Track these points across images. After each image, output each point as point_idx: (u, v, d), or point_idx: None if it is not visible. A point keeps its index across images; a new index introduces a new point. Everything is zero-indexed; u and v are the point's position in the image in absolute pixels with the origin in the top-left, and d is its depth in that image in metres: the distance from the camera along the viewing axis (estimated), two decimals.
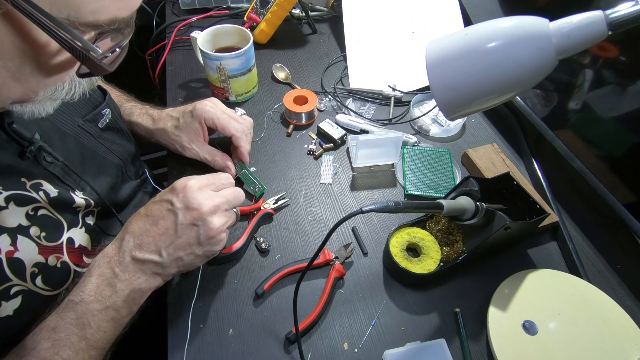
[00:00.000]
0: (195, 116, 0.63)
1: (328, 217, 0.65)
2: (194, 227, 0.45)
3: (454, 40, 0.41)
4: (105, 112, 0.58)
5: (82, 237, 0.51)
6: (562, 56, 0.37)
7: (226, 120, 0.63)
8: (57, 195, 0.47)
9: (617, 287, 0.58)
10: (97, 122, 0.57)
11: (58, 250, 0.47)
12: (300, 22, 1.04)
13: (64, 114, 0.52)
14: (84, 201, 0.51)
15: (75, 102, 0.53)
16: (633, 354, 0.49)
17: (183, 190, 0.45)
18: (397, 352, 0.50)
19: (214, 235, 0.46)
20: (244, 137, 0.65)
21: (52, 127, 0.50)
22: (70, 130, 0.53)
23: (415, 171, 0.70)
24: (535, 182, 0.70)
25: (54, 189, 0.47)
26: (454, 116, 0.44)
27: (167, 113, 0.67)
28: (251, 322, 0.53)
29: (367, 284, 0.58)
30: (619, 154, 0.60)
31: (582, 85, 0.65)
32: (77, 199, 0.50)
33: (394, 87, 0.84)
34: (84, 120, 0.55)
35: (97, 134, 0.57)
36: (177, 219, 0.45)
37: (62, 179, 0.49)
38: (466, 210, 0.52)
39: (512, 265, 0.59)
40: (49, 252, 0.45)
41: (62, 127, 0.52)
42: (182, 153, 0.66)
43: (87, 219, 0.53)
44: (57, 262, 0.46)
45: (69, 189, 0.50)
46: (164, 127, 0.65)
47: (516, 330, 0.51)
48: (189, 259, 0.47)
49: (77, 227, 0.50)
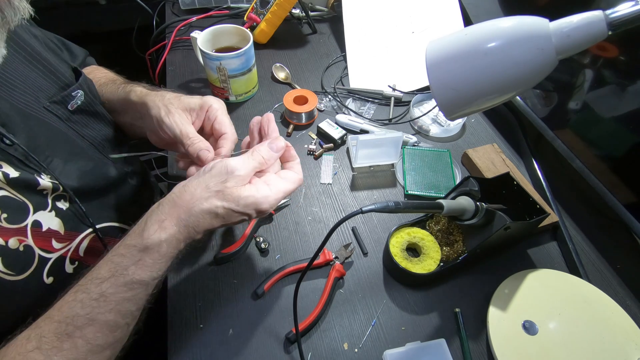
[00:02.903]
0: (204, 101, 0.58)
1: (328, 217, 0.65)
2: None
3: (454, 40, 0.40)
4: (77, 93, 0.56)
5: (52, 221, 0.49)
6: (562, 56, 0.37)
7: (229, 120, 0.59)
8: (18, 177, 0.45)
9: (617, 287, 0.58)
10: (67, 104, 0.55)
11: (21, 233, 0.45)
12: (300, 22, 1.04)
13: (26, 94, 0.50)
14: (51, 184, 0.49)
15: (38, 84, 0.51)
16: (633, 354, 0.49)
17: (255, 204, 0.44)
18: (397, 352, 0.50)
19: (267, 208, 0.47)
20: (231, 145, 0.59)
21: (12, 108, 0.48)
22: (34, 112, 0.51)
23: (415, 171, 0.70)
24: (535, 182, 0.70)
25: (15, 172, 0.45)
26: (454, 116, 0.44)
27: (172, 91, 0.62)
28: (251, 322, 0.53)
29: (367, 284, 0.58)
30: (619, 154, 0.60)
31: (582, 85, 0.65)
32: (42, 181, 0.48)
33: (394, 87, 0.84)
34: (50, 102, 0.52)
35: (66, 117, 0.55)
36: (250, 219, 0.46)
37: (24, 162, 0.47)
38: (466, 210, 0.52)
39: (512, 265, 0.59)
40: (10, 234, 0.44)
41: (25, 109, 0.50)
42: (161, 122, 0.56)
43: (59, 203, 0.51)
44: (19, 245, 0.45)
45: (33, 171, 0.48)
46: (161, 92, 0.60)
47: (516, 330, 0.51)
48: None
49: (45, 210, 0.48)
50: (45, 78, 0.53)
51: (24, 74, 0.51)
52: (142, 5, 1.06)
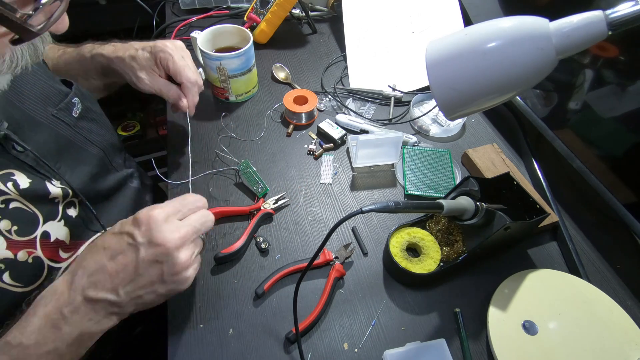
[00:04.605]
0: (152, 52, 0.61)
1: (328, 217, 0.65)
2: (158, 264, 0.41)
3: (454, 40, 0.41)
4: (75, 100, 0.57)
5: (60, 231, 0.49)
6: (562, 56, 0.37)
7: (181, 66, 0.61)
8: (29, 187, 0.45)
9: (617, 287, 0.58)
10: (71, 110, 0.56)
11: (30, 245, 0.45)
12: (300, 22, 1.04)
13: (36, 103, 0.51)
14: (61, 191, 0.49)
15: (45, 93, 0.52)
16: (633, 354, 0.49)
17: (147, 223, 0.41)
18: (397, 352, 0.50)
19: (180, 271, 0.42)
20: (194, 89, 0.62)
21: (23, 116, 0.49)
22: (44, 119, 0.52)
23: (415, 171, 0.70)
24: (535, 182, 0.70)
25: (27, 179, 0.46)
26: (454, 116, 0.44)
27: (131, 44, 0.64)
28: (251, 322, 0.53)
29: (367, 284, 0.58)
30: (619, 154, 0.60)
31: (582, 85, 0.65)
32: (53, 189, 0.48)
33: (394, 87, 0.84)
34: (57, 109, 0.54)
35: (73, 123, 0.56)
36: (138, 255, 0.40)
37: (35, 168, 0.47)
38: (466, 210, 0.52)
39: (512, 265, 0.59)
40: (20, 247, 0.44)
41: (36, 117, 0.50)
42: (137, 85, 0.63)
43: (69, 210, 0.51)
44: (28, 258, 0.44)
45: (45, 178, 0.48)
46: (122, 55, 0.62)
47: (516, 330, 0.51)
48: (149, 298, 0.42)
49: (55, 219, 0.48)
50: (49, 86, 0.54)
51: (31, 82, 0.51)
52: (142, 5, 1.06)
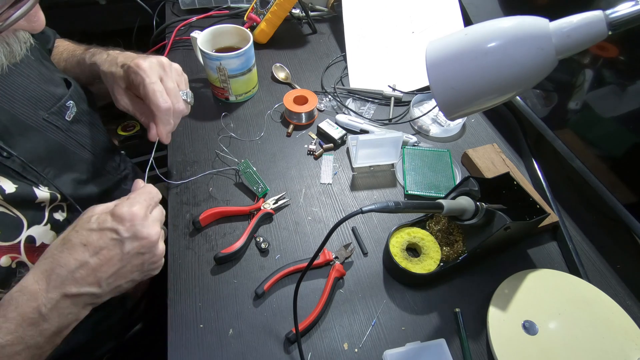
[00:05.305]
0: (127, 72, 0.56)
1: (328, 217, 0.65)
2: (140, 255, 0.43)
3: (454, 40, 0.40)
4: (70, 104, 0.56)
5: (45, 235, 0.49)
6: (562, 56, 0.37)
7: (151, 90, 0.53)
8: (14, 192, 0.45)
9: (617, 287, 0.58)
10: (64, 114, 0.55)
11: (14, 250, 0.45)
12: (300, 22, 1.04)
13: (26, 107, 0.51)
14: (49, 195, 0.49)
15: (37, 96, 0.52)
16: (633, 354, 0.49)
17: (130, 219, 0.42)
18: (397, 352, 0.50)
19: (158, 260, 0.46)
20: (165, 117, 0.54)
21: (12, 120, 0.48)
22: (34, 123, 0.51)
23: (415, 171, 0.70)
24: (535, 182, 0.70)
25: (13, 185, 0.45)
26: (454, 116, 0.44)
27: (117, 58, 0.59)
28: (251, 322, 0.53)
29: (367, 284, 0.58)
30: (619, 154, 0.60)
31: (582, 85, 0.65)
32: (40, 193, 0.48)
33: (394, 87, 0.84)
34: (48, 113, 0.53)
35: (66, 127, 0.55)
36: (123, 248, 0.42)
37: (21, 174, 0.47)
38: (466, 210, 0.52)
39: (512, 265, 0.59)
40: (3, 252, 0.44)
41: (26, 121, 0.50)
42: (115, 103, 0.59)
43: (56, 214, 0.51)
44: (11, 263, 0.44)
45: (32, 183, 0.48)
46: (106, 70, 0.58)
47: (516, 330, 0.51)
48: (127, 286, 0.45)
49: (40, 224, 0.48)
50: (41, 89, 0.53)
51: (23, 85, 0.51)
52: (142, 5, 1.06)
